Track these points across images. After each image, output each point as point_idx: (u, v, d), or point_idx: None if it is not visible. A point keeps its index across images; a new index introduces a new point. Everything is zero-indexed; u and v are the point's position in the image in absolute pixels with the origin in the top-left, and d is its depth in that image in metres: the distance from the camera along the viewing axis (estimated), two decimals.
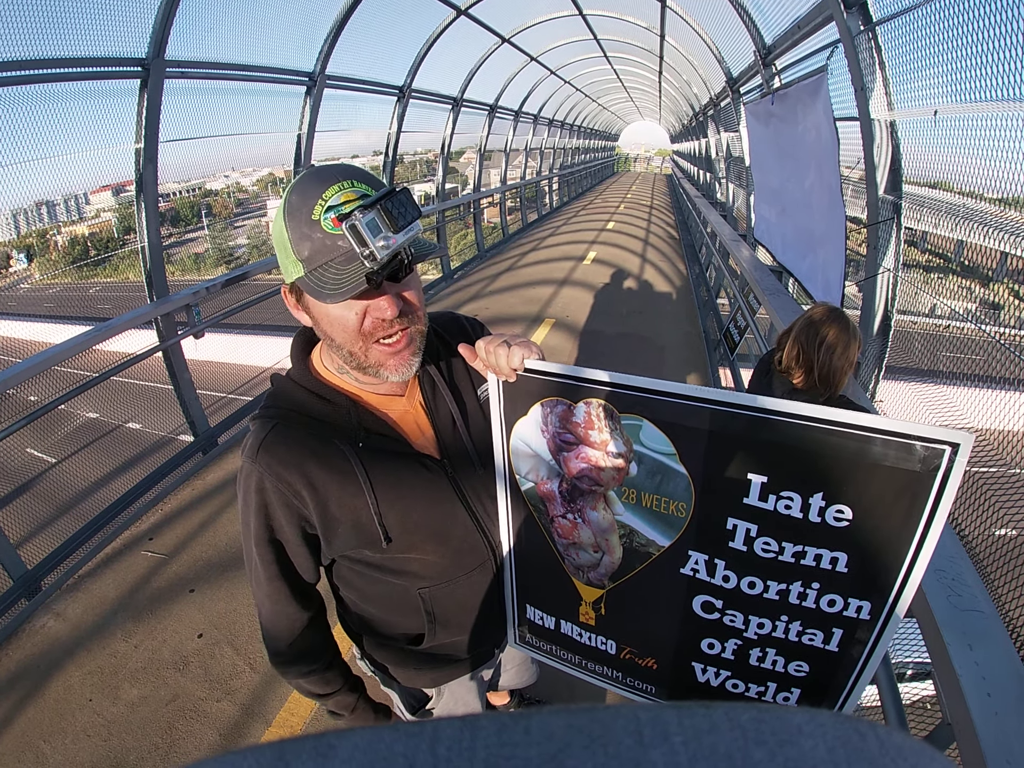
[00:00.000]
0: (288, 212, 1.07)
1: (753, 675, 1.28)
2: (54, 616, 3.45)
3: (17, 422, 3.64)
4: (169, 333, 4.70)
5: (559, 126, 23.15)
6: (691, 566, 1.22)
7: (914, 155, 3.40)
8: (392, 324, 1.15)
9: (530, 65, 13.60)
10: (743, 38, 6.40)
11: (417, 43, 8.56)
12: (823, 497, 1.04)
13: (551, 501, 1.34)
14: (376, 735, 0.25)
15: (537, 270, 11.63)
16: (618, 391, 1.15)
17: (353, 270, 1.05)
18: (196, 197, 48.81)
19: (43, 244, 36.51)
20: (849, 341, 2.22)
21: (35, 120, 3.96)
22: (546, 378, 1.21)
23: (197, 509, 4.33)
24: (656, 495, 1.20)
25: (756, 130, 6.01)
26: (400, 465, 1.29)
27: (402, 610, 1.44)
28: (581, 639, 1.49)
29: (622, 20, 10.66)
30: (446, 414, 1.37)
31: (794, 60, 5.42)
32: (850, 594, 1.10)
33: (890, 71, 3.37)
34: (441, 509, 1.35)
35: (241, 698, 2.93)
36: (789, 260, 5.25)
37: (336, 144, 7.61)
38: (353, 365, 1.20)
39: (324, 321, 1.16)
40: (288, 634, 1.37)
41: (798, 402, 1.01)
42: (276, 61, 5.75)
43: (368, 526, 1.26)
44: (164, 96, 4.45)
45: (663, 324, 8.48)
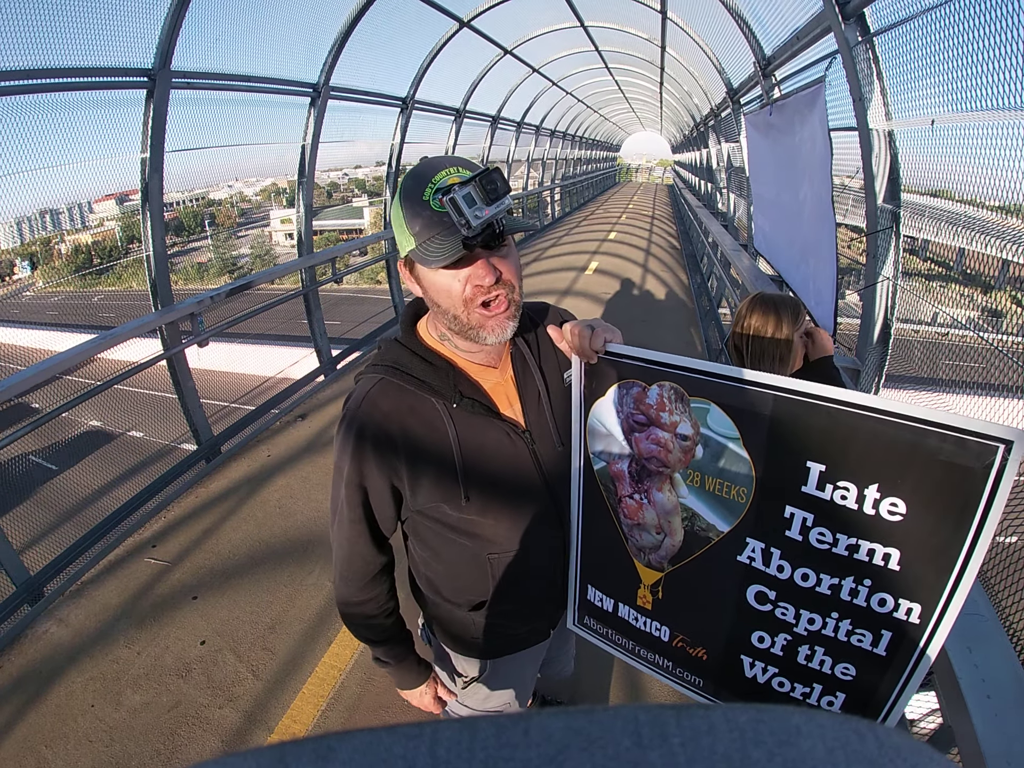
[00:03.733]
0: (404, 194, 1.22)
1: (800, 674, 1.29)
2: (57, 622, 3.44)
3: (20, 429, 3.66)
4: (173, 341, 4.71)
5: (561, 137, 23.20)
6: (748, 554, 1.25)
7: (913, 164, 3.42)
8: (490, 290, 1.25)
9: (532, 76, 13.66)
10: (743, 49, 6.43)
11: (420, 55, 8.60)
12: (878, 489, 1.05)
13: (620, 480, 1.39)
14: (375, 737, 0.26)
15: (540, 280, 11.64)
16: (689, 374, 1.21)
17: (453, 241, 1.17)
18: (200, 206, 49.05)
19: (47, 252, 36.61)
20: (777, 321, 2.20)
21: (41, 129, 3.98)
22: (625, 361, 1.29)
23: (200, 517, 4.33)
24: (719, 479, 1.24)
25: (755, 140, 6.02)
26: (487, 429, 1.39)
27: (470, 573, 1.51)
28: (636, 623, 1.52)
29: (623, 31, 10.70)
30: (533, 390, 1.47)
31: (794, 71, 5.44)
32: (901, 594, 1.10)
33: (888, 81, 3.39)
34: (519, 477, 1.45)
35: (243, 705, 2.93)
36: (784, 270, 5.25)
37: (340, 154, 7.66)
38: (456, 329, 1.30)
39: (432, 289, 1.28)
40: (361, 576, 1.49)
41: (858, 392, 1.03)
42: (281, 72, 5.77)
43: (451, 482, 1.36)
44: (170, 106, 4.48)
45: (666, 334, 8.48)
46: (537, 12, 9.77)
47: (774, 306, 2.21)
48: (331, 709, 2.88)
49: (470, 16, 8.60)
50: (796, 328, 2.20)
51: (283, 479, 4.77)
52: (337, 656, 3.13)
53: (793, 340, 2.19)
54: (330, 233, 29.22)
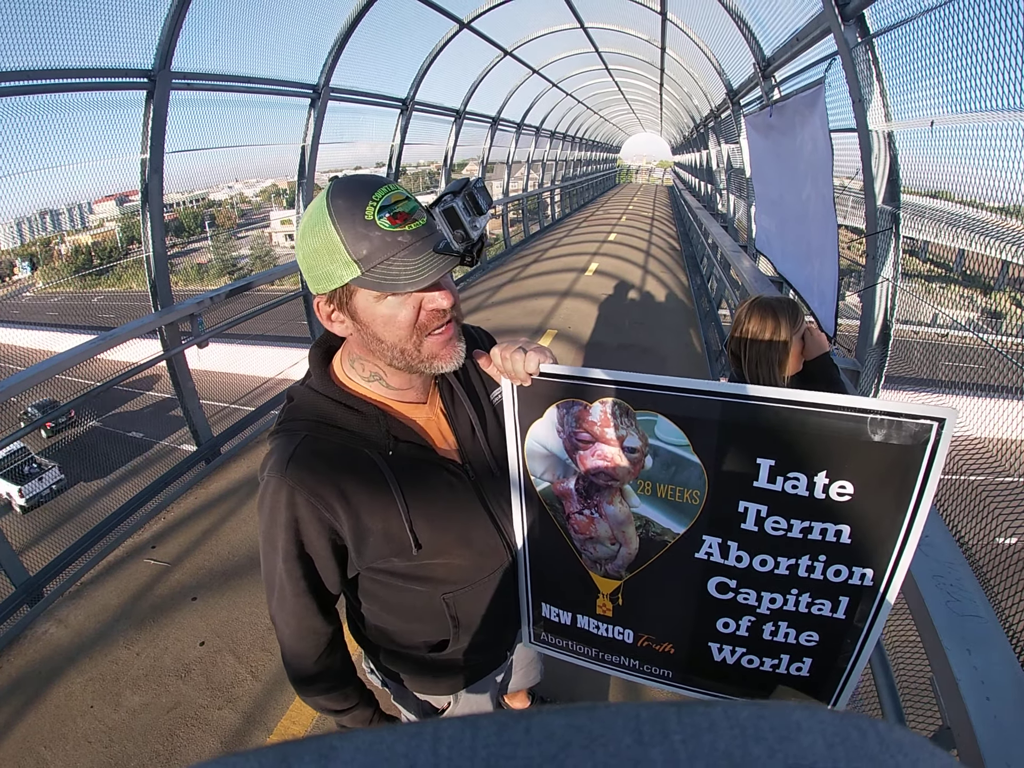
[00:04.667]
0: (337, 216, 1.09)
1: (767, 649, 1.34)
2: (56, 623, 3.45)
3: (20, 430, 3.66)
4: (173, 342, 4.71)
5: (561, 138, 23.23)
6: (705, 550, 1.28)
7: (913, 166, 3.42)
8: (444, 314, 1.19)
9: (532, 78, 13.68)
10: (743, 50, 6.43)
11: (420, 56, 8.62)
12: (827, 475, 1.12)
13: (567, 499, 1.38)
14: (377, 736, 0.26)
15: (539, 282, 11.65)
16: (633, 390, 1.22)
17: (426, 259, 1.10)
18: (200, 207, 49.08)
19: (47, 253, 36.66)
20: (775, 324, 2.20)
21: (42, 130, 4.00)
22: (562, 381, 1.27)
23: (200, 518, 4.34)
24: (671, 485, 1.26)
25: (756, 142, 6.02)
26: (427, 472, 1.32)
27: (425, 617, 1.45)
28: (598, 631, 1.52)
29: (623, 32, 10.71)
30: (465, 420, 1.41)
31: (793, 72, 5.44)
32: (854, 563, 1.18)
33: (887, 82, 3.39)
34: (466, 513, 1.39)
35: (243, 706, 2.93)
36: (788, 271, 5.25)
37: (340, 156, 7.65)
38: (402, 364, 1.22)
39: (376, 322, 1.17)
40: (314, 651, 1.37)
41: (801, 390, 1.09)
42: (281, 73, 5.78)
43: (399, 534, 1.28)
44: (170, 107, 4.48)
45: (665, 335, 8.49)
46: (537, 13, 9.79)
47: (772, 310, 2.22)
48: None
49: (470, 17, 8.62)
50: (795, 331, 2.20)
51: None
52: None
53: (791, 343, 2.19)
54: None
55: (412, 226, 1.10)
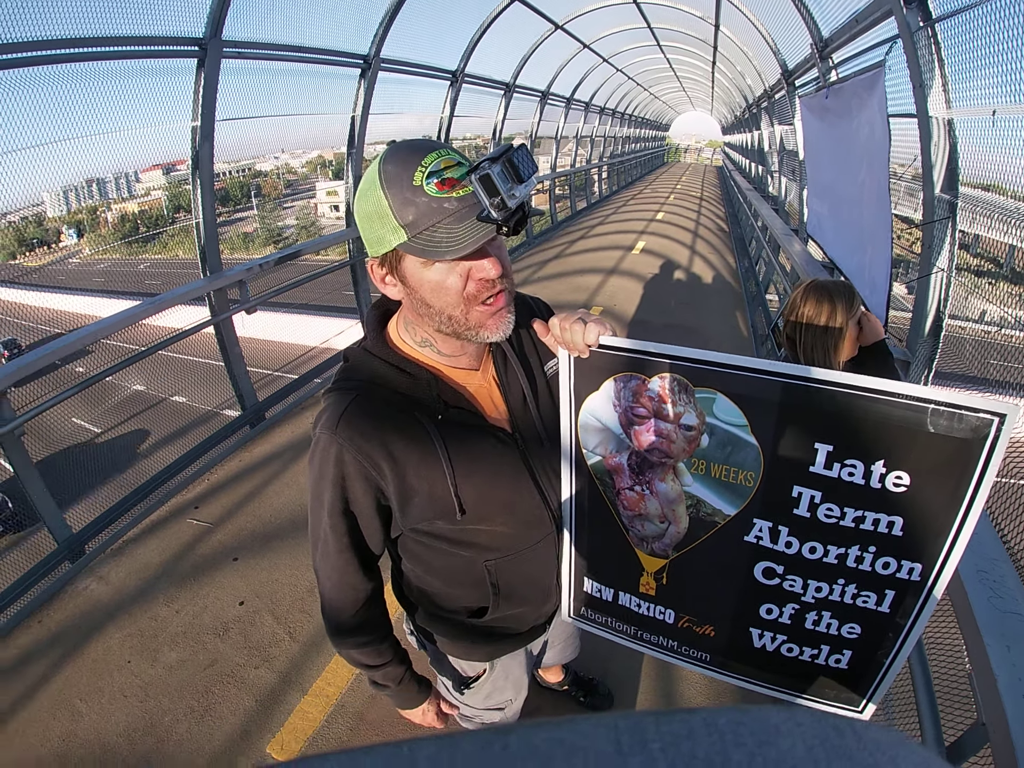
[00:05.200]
0: (386, 181, 1.09)
1: (808, 638, 1.33)
2: (97, 579, 3.55)
3: (66, 391, 3.74)
4: (222, 308, 4.79)
5: (610, 114, 22.93)
6: (755, 533, 1.27)
7: (969, 155, 3.32)
8: (494, 284, 1.18)
9: (583, 52, 13.49)
10: (799, 30, 6.27)
11: (471, 28, 8.55)
12: (884, 464, 1.10)
13: (619, 474, 1.38)
14: (353, 758, 0.25)
15: (585, 258, 11.56)
16: (693, 366, 1.20)
17: (468, 227, 1.08)
18: (246, 177, 49.49)
19: (93, 220, 37.35)
20: (831, 309, 2.16)
21: (92, 96, 4.04)
22: (621, 354, 1.25)
23: (243, 480, 4.43)
24: (726, 465, 1.24)
25: (811, 124, 5.88)
26: (476, 438, 1.33)
27: (467, 582, 1.47)
28: (639, 610, 1.52)
29: (676, 9, 10.50)
30: (517, 389, 1.41)
31: (852, 54, 5.30)
32: (903, 556, 1.17)
33: (949, 69, 3.29)
34: (512, 481, 1.40)
35: (279, 666, 2.99)
36: (838, 256, 5.15)
37: (386, 127, 7.64)
38: (450, 331, 1.22)
39: (424, 288, 1.18)
40: (352, 606, 1.41)
41: (864, 376, 1.07)
42: (331, 43, 5.77)
43: (444, 497, 1.29)
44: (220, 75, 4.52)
45: (710, 317, 8.39)
46: None
47: (828, 293, 2.18)
48: (363, 676, 2.91)
49: None
50: (851, 315, 2.16)
51: None
52: None
53: (847, 328, 2.16)
54: None
55: (460, 192, 1.08)
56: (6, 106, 3.53)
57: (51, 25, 3.47)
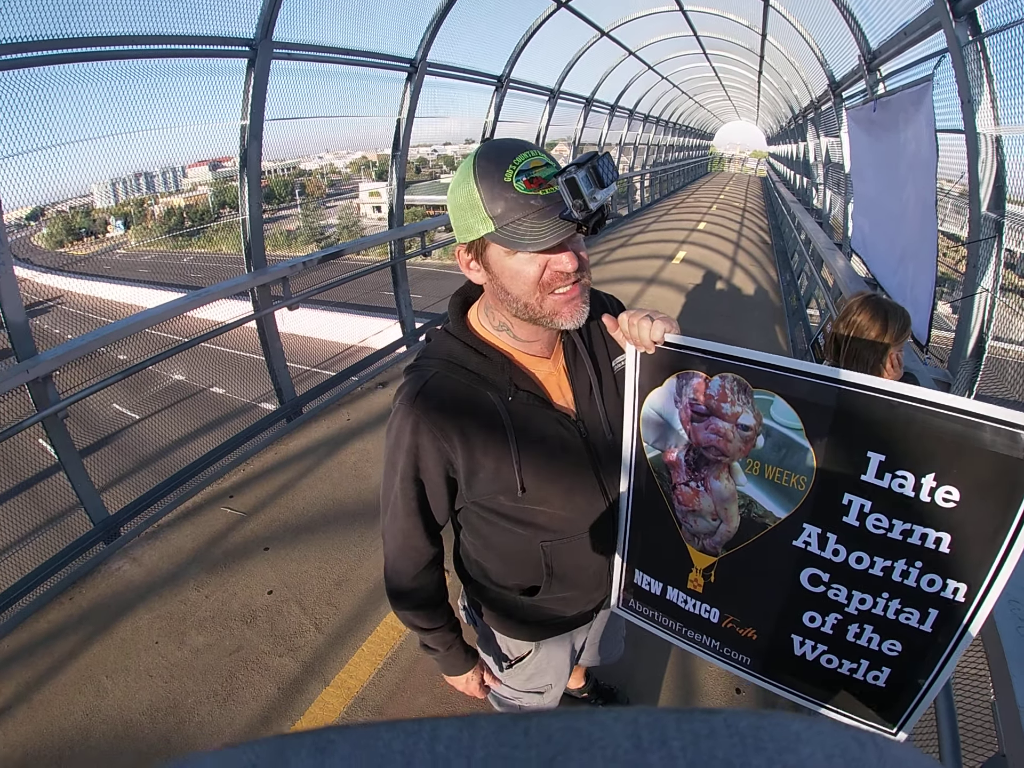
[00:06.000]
0: (480, 175, 1.18)
1: (848, 651, 1.32)
2: (130, 561, 3.63)
3: (110, 377, 3.83)
4: (264, 303, 4.89)
5: (654, 122, 22.82)
6: (804, 539, 1.27)
7: (1018, 173, 3.26)
8: (569, 276, 1.25)
9: (628, 59, 13.47)
10: (847, 41, 6.21)
11: (517, 33, 8.58)
12: (935, 478, 1.09)
13: (676, 469, 1.40)
14: (374, 732, 0.26)
15: (625, 267, 11.55)
16: (753, 367, 1.23)
17: (551, 223, 1.17)
18: (291, 176, 50.12)
19: (140, 213, 38.07)
20: (883, 326, 2.15)
21: (143, 93, 4.16)
22: (685, 352, 1.29)
23: (279, 473, 4.49)
24: (779, 468, 1.26)
25: (857, 136, 5.82)
26: (542, 421, 1.39)
27: (522, 560, 1.54)
28: (685, 606, 1.54)
29: (723, 17, 10.45)
30: (584, 379, 1.47)
31: (900, 67, 5.23)
32: (949, 575, 1.14)
33: (997, 84, 3.24)
34: (573, 466, 1.45)
35: (303, 656, 3.03)
36: (881, 273, 5.09)
37: (430, 131, 7.70)
38: (526, 316, 1.30)
39: (505, 274, 1.26)
40: (413, 568, 1.50)
41: (921, 387, 1.07)
42: (378, 47, 5.84)
43: (507, 474, 1.36)
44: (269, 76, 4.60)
45: (750, 329, 8.30)
46: None
47: (884, 312, 2.17)
48: (387, 669, 2.95)
49: None
50: (899, 341, 2.16)
51: (360, 443, 4.90)
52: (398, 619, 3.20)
53: (891, 352, 2.15)
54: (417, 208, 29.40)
55: (546, 191, 1.17)
56: (61, 101, 3.65)
57: (107, 22, 3.57)
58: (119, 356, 4.50)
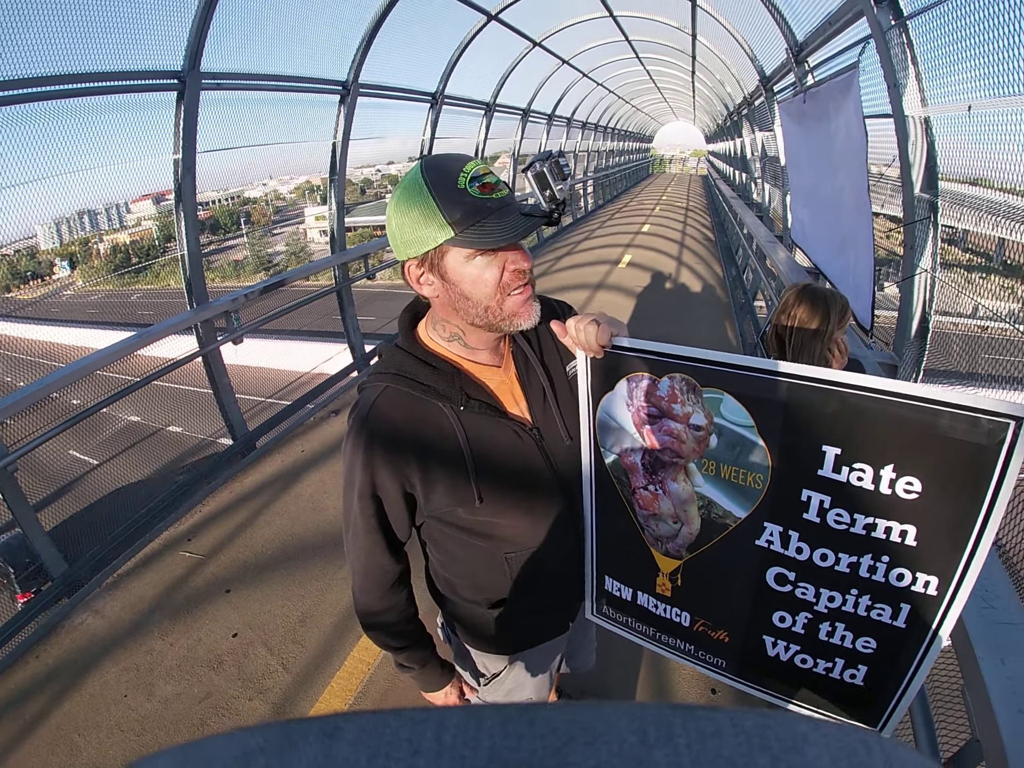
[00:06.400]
0: (433, 185, 1.20)
1: (822, 650, 1.31)
2: (93, 613, 3.53)
3: (60, 425, 3.74)
4: (209, 339, 4.80)
5: (593, 129, 23.08)
6: (766, 538, 1.27)
7: (951, 152, 3.33)
8: (524, 275, 1.28)
9: (562, 68, 13.61)
10: (775, 36, 6.34)
11: (449, 49, 8.61)
12: (894, 469, 1.08)
13: (633, 473, 1.40)
14: (382, 719, 0.26)
15: (572, 274, 11.61)
16: (700, 366, 1.22)
17: (513, 220, 1.21)
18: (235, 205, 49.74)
19: (85, 252, 37.49)
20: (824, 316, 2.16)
21: (76, 132, 4.07)
22: (632, 354, 1.30)
23: (235, 511, 4.40)
24: (735, 467, 1.25)
25: (790, 129, 5.93)
26: (496, 430, 1.39)
27: (488, 573, 1.52)
28: (656, 611, 1.53)
29: (653, 20, 10.61)
30: (537, 386, 1.47)
31: (827, 57, 5.35)
32: (918, 568, 1.13)
33: (923, 66, 3.31)
34: (531, 474, 1.45)
35: (273, 697, 2.97)
36: (822, 261, 5.17)
37: (372, 151, 7.73)
38: (484, 321, 1.30)
39: (465, 281, 1.26)
40: (380, 586, 1.48)
41: (872, 376, 1.05)
42: (309, 71, 5.82)
43: (463, 486, 1.36)
44: (201, 107, 4.54)
45: (700, 327, 8.39)
46: (566, 2, 9.73)
47: (823, 299, 2.19)
48: (359, 703, 2.91)
49: (498, 9, 8.59)
50: (841, 325, 2.17)
51: (316, 474, 4.83)
52: (366, 650, 3.15)
53: (836, 339, 2.17)
54: (364, 229, 29.30)
55: (498, 195, 1.22)
56: None
57: (29, 64, 3.51)
58: (72, 401, 4.40)
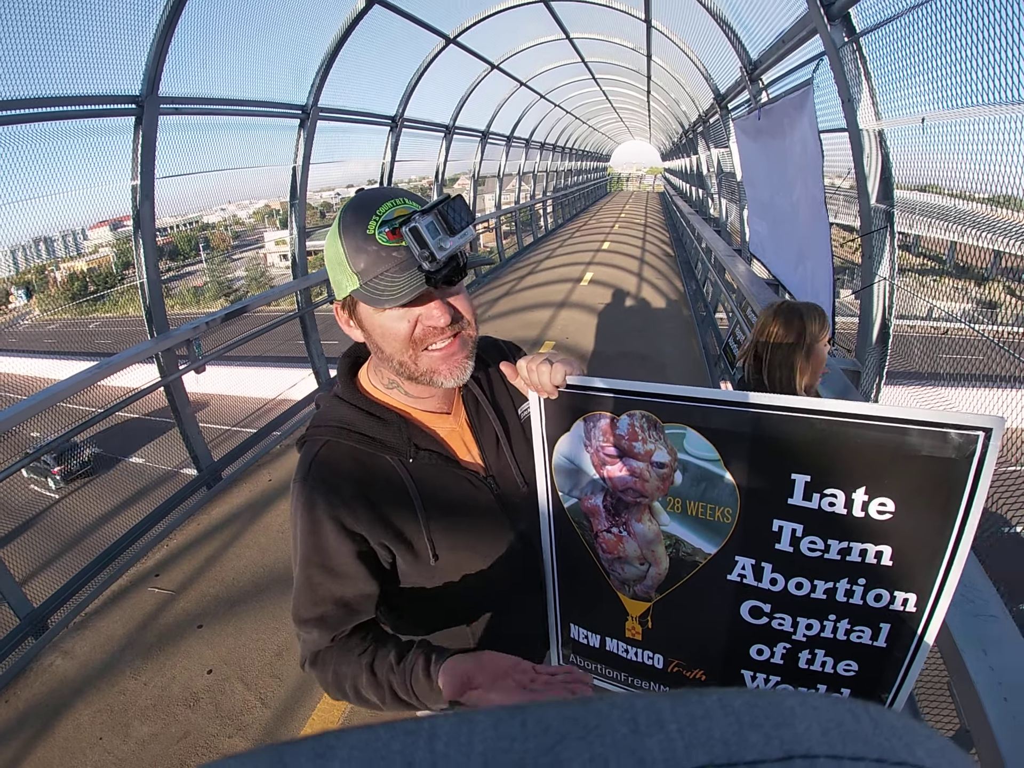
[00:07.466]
0: (343, 229, 1.13)
1: (803, 678, 1.28)
2: (62, 654, 3.43)
3: (20, 460, 3.65)
4: (170, 368, 4.71)
5: (551, 149, 23.30)
6: (738, 571, 1.23)
7: (905, 162, 3.42)
8: (443, 331, 1.18)
9: (520, 90, 13.73)
10: (729, 54, 6.46)
11: (408, 73, 8.65)
12: (865, 491, 1.06)
13: (595, 516, 1.34)
14: (373, 734, 0.25)
15: (535, 293, 11.68)
16: (661, 401, 1.17)
17: (408, 277, 1.09)
18: (194, 230, 49.25)
19: (42, 280, 36.82)
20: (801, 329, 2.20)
21: (32, 158, 4.01)
22: (588, 393, 1.23)
23: (204, 544, 4.32)
24: (702, 502, 1.21)
25: (746, 145, 6.05)
26: (448, 481, 1.31)
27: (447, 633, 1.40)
28: (627, 655, 1.48)
29: (609, 42, 10.77)
30: (490, 432, 1.39)
31: (781, 74, 5.47)
32: (896, 587, 1.11)
33: (876, 81, 3.40)
34: (488, 526, 1.36)
35: (253, 733, 2.90)
36: (781, 273, 5.26)
37: (332, 175, 7.69)
38: (404, 375, 1.22)
39: (376, 332, 1.19)
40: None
41: (836, 400, 1.04)
42: (269, 95, 5.80)
43: (417, 542, 1.26)
44: (160, 132, 4.49)
45: (663, 342, 8.50)
46: (522, 25, 9.83)
47: (799, 313, 2.22)
48: None
49: (456, 32, 8.66)
50: (822, 333, 2.20)
51: (285, 503, 4.71)
52: None
53: (817, 348, 2.20)
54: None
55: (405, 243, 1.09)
56: None
57: None
58: (32, 433, 4.30)
